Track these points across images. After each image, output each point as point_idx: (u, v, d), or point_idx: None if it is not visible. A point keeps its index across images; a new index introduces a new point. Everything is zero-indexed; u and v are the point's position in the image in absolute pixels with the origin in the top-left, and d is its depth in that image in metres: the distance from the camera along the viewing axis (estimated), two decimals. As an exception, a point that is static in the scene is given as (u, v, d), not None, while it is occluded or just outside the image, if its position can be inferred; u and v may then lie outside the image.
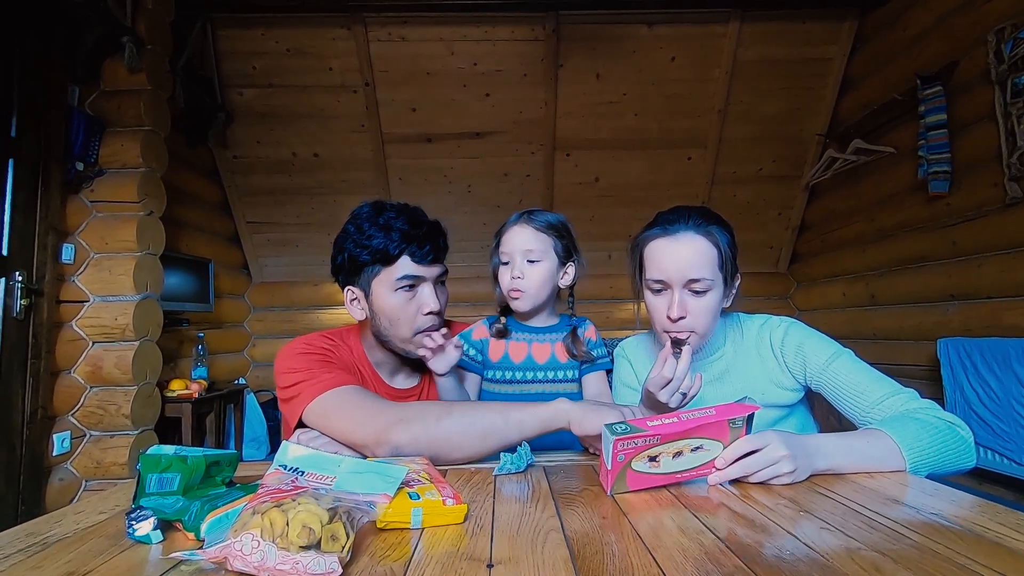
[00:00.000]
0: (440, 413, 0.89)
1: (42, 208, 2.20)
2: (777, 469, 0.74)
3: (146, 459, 0.64)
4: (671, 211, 1.06)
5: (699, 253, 0.99)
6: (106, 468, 2.36)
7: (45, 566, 0.53)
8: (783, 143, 3.94)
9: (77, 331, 2.37)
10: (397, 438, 0.86)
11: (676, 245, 1.00)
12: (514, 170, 4.06)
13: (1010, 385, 2.38)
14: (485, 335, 1.15)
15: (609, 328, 4.36)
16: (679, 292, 1.00)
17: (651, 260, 1.03)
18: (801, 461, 0.75)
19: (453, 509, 0.62)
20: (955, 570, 0.48)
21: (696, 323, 1.00)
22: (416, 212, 1.09)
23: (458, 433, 0.87)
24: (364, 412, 0.91)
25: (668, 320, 1.01)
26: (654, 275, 1.02)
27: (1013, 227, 2.47)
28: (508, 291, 1.10)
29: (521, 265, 1.09)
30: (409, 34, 3.45)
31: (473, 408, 0.92)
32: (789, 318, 1.11)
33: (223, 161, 3.87)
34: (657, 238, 1.03)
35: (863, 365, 1.00)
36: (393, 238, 1.02)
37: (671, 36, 3.51)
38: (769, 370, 1.07)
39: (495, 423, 0.88)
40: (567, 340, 1.14)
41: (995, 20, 2.49)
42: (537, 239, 1.09)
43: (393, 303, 1.04)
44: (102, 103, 2.46)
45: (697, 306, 1.00)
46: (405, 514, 0.60)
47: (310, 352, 1.04)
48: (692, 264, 0.99)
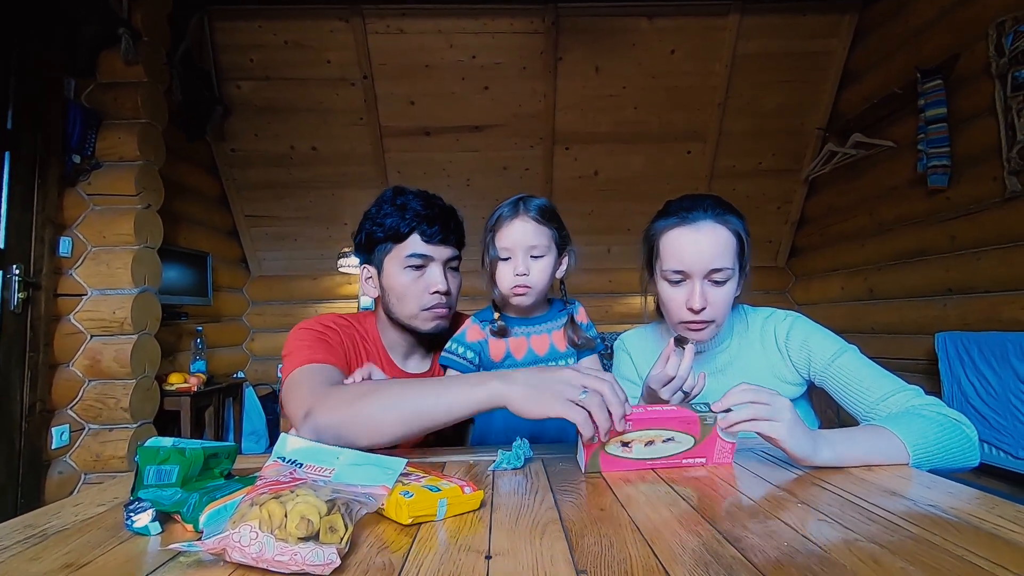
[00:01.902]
0: (363, 393, 0.84)
1: (39, 201, 2.19)
2: (767, 411, 0.75)
3: (144, 451, 0.64)
4: (686, 199, 1.03)
5: (720, 242, 0.98)
6: (105, 461, 2.36)
7: (44, 557, 0.53)
8: (783, 137, 3.94)
9: (75, 324, 2.37)
10: (316, 420, 0.83)
11: (697, 235, 0.98)
12: (513, 164, 4.05)
13: (1008, 379, 2.38)
14: (481, 336, 1.10)
15: (609, 321, 4.37)
16: (699, 282, 0.99)
17: (669, 250, 1.01)
18: (798, 431, 0.75)
19: (472, 496, 0.63)
20: (952, 561, 0.48)
21: (715, 313, 1.00)
22: (433, 196, 1.12)
23: (378, 415, 0.80)
24: (305, 390, 0.90)
25: (688, 311, 1.00)
26: (673, 265, 1.00)
27: (1012, 221, 2.47)
28: (511, 288, 1.05)
29: (525, 261, 1.04)
30: (407, 26, 3.43)
31: (401, 389, 0.85)
32: (794, 312, 1.11)
33: (221, 154, 3.85)
34: (675, 227, 1.01)
35: (868, 362, 0.99)
36: (406, 216, 1.05)
37: (671, 29, 3.49)
38: (773, 363, 1.07)
39: (421, 406, 0.81)
40: (567, 329, 1.12)
41: (996, 13, 2.48)
42: (539, 233, 1.04)
43: (402, 280, 1.07)
44: (99, 96, 2.45)
45: (716, 296, 0.99)
46: (432, 506, 0.60)
47: (309, 328, 1.07)
48: (714, 254, 0.97)
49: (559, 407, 0.73)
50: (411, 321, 1.09)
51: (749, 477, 0.76)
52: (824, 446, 0.77)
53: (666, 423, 0.77)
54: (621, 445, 0.77)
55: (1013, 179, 2.41)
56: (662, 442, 0.78)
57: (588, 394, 0.72)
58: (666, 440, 0.78)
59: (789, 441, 0.74)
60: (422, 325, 1.10)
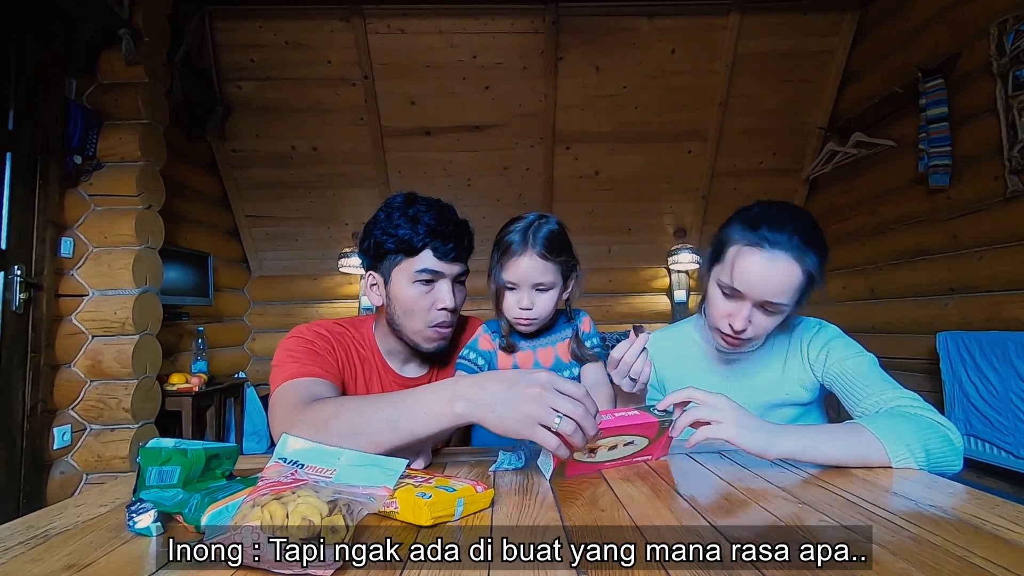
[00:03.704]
0: (331, 415, 0.80)
1: (40, 202, 2.19)
2: (708, 412, 0.78)
3: (146, 452, 0.64)
4: (776, 220, 0.95)
5: (788, 279, 0.93)
6: (107, 462, 2.36)
7: (46, 558, 0.53)
8: (783, 136, 3.93)
9: (77, 325, 2.37)
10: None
11: (769, 266, 0.93)
12: (514, 164, 4.05)
13: (1009, 379, 2.38)
14: (491, 347, 1.13)
15: (609, 322, 4.37)
16: (751, 307, 0.96)
17: (736, 267, 0.96)
18: (748, 425, 0.77)
19: (483, 495, 0.64)
20: (953, 562, 0.48)
21: (756, 335, 0.99)
22: (446, 209, 1.09)
23: (344, 440, 0.75)
24: (285, 410, 0.88)
25: (728, 325, 0.99)
26: (733, 283, 0.96)
27: (1013, 220, 2.47)
28: (515, 318, 1.07)
29: (530, 295, 1.05)
30: (408, 26, 3.43)
31: (363, 408, 0.80)
32: (824, 320, 1.10)
33: (222, 154, 3.85)
34: (752, 247, 0.95)
35: (879, 369, 0.98)
36: (419, 231, 1.02)
37: (671, 28, 3.49)
38: (795, 369, 1.07)
39: (386, 428, 0.76)
40: (572, 344, 1.13)
41: (997, 12, 2.47)
42: (546, 270, 1.03)
43: (410, 294, 1.05)
44: (100, 96, 2.45)
45: (763, 322, 0.98)
46: (451, 506, 0.61)
47: (299, 337, 1.06)
48: (778, 290, 0.94)
49: (530, 433, 0.69)
50: (414, 337, 1.09)
51: (750, 477, 0.76)
52: (786, 438, 0.77)
53: (631, 429, 0.80)
54: (588, 451, 0.78)
55: (1014, 178, 2.41)
56: (623, 445, 0.82)
57: (563, 420, 0.68)
58: (627, 444, 0.82)
59: (739, 438, 0.75)
60: (424, 344, 1.09)
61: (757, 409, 1.08)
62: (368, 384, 1.12)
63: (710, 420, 0.78)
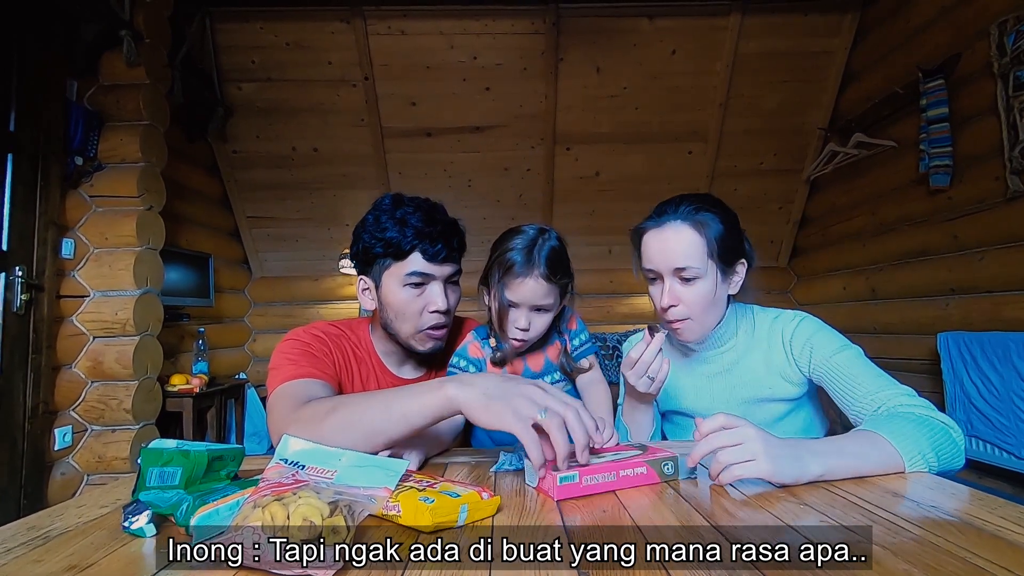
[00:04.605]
0: (326, 412, 0.81)
1: (41, 203, 2.19)
2: (742, 452, 0.69)
3: (147, 453, 0.64)
4: (667, 200, 1.06)
5: (684, 242, 1.00)
6: (108, 463, 2.37)
7: (47, 559, 0.53)
8: (784, 137, 3.93)
9: (78, 326, 2.37)
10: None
11: (663, 235, 1.02)
12: (514, 164, 4.05)
13: (1010, 379, 2.38)
14: (480, 354, 1.12)
15: (609, 322, 4.37)
16: (669, 281, 1.02)
17: (644, 250, 1.06)
18: (779, 457, 0.70)
19: (489, 502, 0.63)
20: (955, 563, 0.48)
21: (689, 311, 1.02)
22: (434, 209, 1.07)
23: (339, 437, 0.75)
24: (283, 411, 0.88)
25: (662, 309, 1.03)
26: (645, 264, 1.05)
27: (1014, 221, 2.46)
28: (512, 338, 1.07)
29: (528, 315, 1.05)
30: (408, 27, 3.44)
31: (357, 405, 0.80)
32: (804, 312, 1.10)
33: (222, 156, 3.86)
34: (649, 228, 1.05)
35: (867, 361, 0.98)
36: (407, 233, 1.01)
37: (672, 29, 3.49)
38: (778, 363, 1.07)
39: (378, 421, 0.77)
40: (561, 358, 1.14)
41: (997, 13, 2.47)
42: (548, 293, 1.04)
43: (401, 298, 1.04)
44: (101, 97, 2.45)
45: (688, 295, 1.01)
46: (454, 512, 0.60)
47: (295, 339, 1.05)
48: (677, 254, 1.00)
49: (512, 422, 0.67)
50: (408, 340, 1.08)
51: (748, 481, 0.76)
52: (811, 462, 0.72)
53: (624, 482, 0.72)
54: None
55: (1015, 179, 2.41)
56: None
57: (548, 414, 0.67)
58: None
59: (775, 475, 0.69)
60: (418, 346, 1.08)
61: (741, 405, 1.09)
62: (365, 385, 1.12)
63: (744, 459, 0.70)
